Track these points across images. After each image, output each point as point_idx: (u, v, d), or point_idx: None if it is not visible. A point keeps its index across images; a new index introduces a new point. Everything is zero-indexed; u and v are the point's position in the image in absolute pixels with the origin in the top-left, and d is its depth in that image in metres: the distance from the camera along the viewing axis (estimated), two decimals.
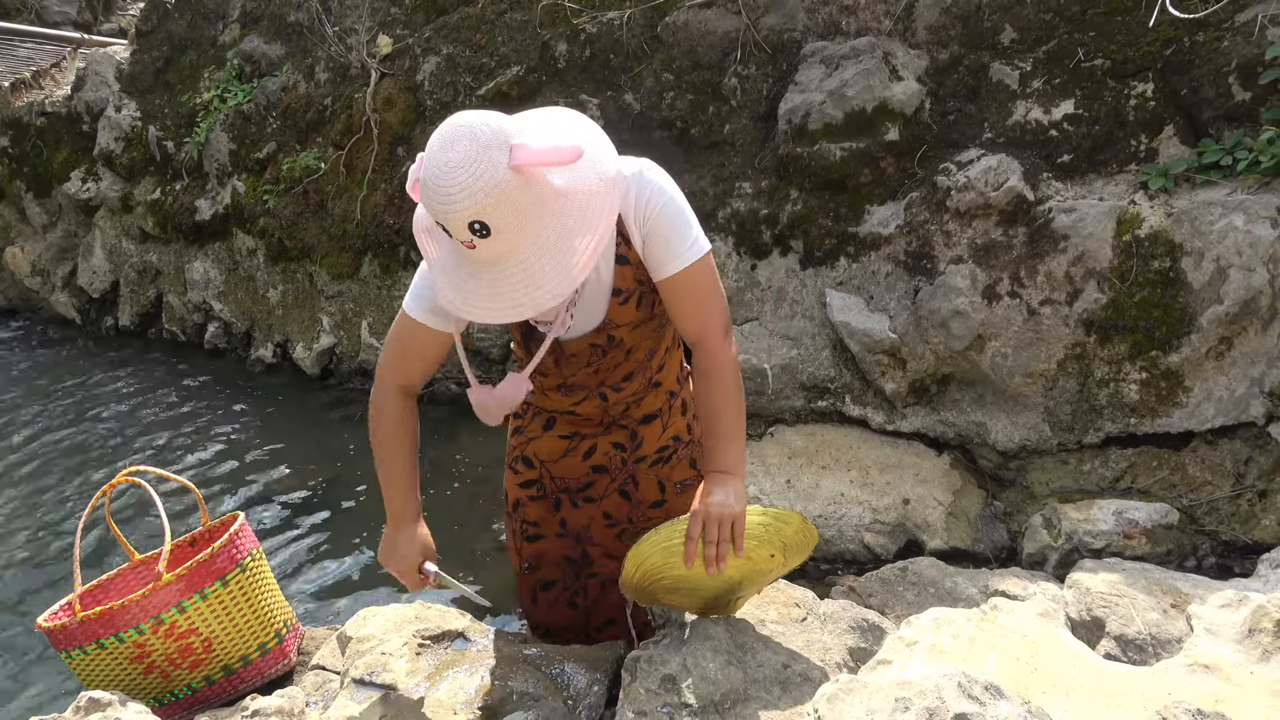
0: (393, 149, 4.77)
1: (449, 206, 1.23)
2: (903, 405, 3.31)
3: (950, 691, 1.29)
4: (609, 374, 1.75)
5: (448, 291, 1.37)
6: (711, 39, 3.84)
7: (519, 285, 1.31)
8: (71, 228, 6.76)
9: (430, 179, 1.24)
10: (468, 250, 1.30)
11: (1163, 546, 2.76)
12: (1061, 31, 3.21)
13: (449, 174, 1.22)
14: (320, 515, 3.65)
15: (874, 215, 3.40)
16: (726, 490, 1.55)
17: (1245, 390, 2.84)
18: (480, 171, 1.22)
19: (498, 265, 1.31)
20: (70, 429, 4.74)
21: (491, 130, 1.24)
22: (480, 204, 1.23)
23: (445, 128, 1.26)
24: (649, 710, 1.53)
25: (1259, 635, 1.56)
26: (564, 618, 2.03)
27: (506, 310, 1.33)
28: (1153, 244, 2.89)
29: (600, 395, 1.79)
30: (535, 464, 1.94)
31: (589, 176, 1.34)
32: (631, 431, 1.90)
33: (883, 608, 2.18)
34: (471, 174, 1.22)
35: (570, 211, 1.31)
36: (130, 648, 1.78)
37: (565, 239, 1.31)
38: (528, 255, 1.30)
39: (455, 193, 1.22)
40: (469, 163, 1.22)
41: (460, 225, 1.25)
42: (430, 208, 1.26)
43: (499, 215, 1.25)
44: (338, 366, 5.16)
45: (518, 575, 2.07)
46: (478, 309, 1.35)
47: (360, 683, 1.75)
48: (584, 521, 1.95)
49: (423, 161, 1.28)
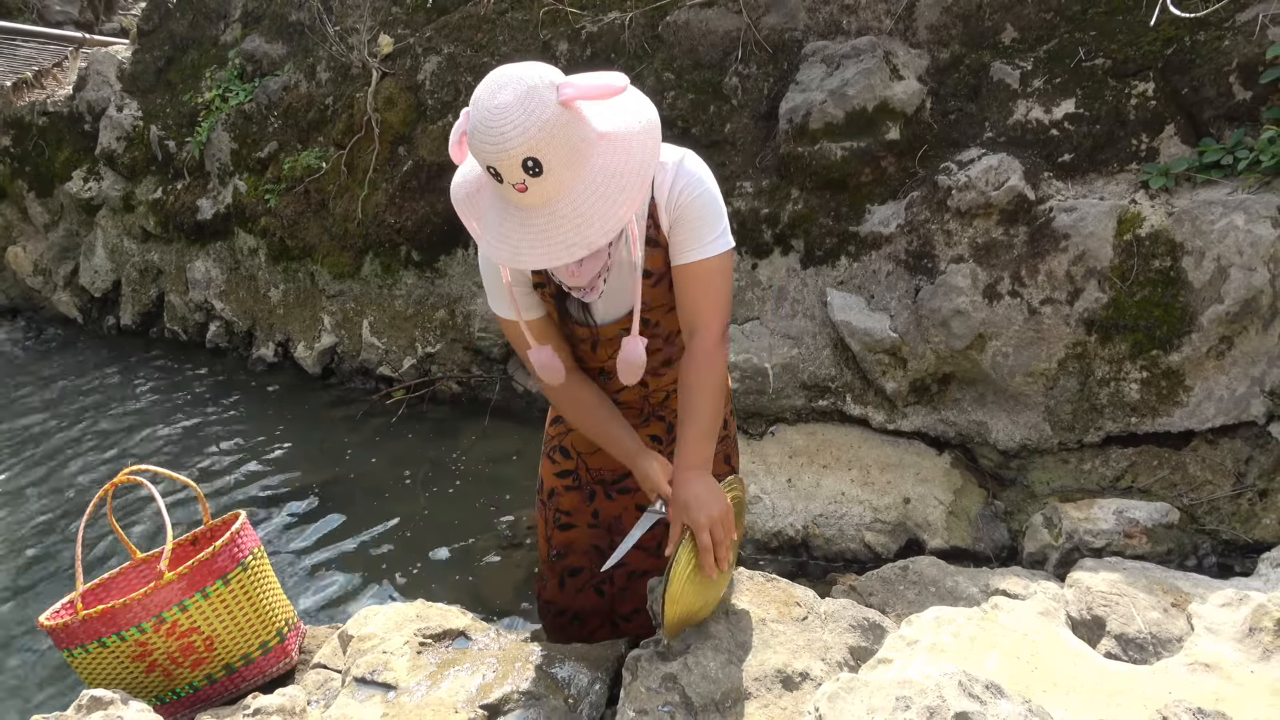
0: (394, 148, 4.77)
1: (502, 145, 1.26)
2: (903, 404, 3.31)
3: (951, 690, 1.29)
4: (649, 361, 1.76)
5: (496, 245, 1.39)
6: (712, 38, 3.84)
7: (569, 225, 1.34)
8: (73, 227, 6.76)
9: (482, 123, 1.27)
10: (518, 195, 1.32)
11: (1163, 546, 2.76)
12: (1062, 31, 3.21)
13: (502, 114, 1.26)
14: (321, 514, 3.65)
15: (875, 214, 3.40)
16: (707, 489, 1.57)
17: (1246, 389, 2.84)
18: (531, 108, 1.26)
19: (548, 206, 1.33)
20: (72, 428, 4.75)
21: (537, 73, 1.29)
22: (534, 139, 1.26)
23: (490, 78, 1.30)
24: (650, 709, 1.53)
25: (1259, 634, 1.56)
26: (590, 603, 2.07)
27: (559, 252, 1.35)
28: (1153, 243, 2.89)
29: (641, 383, 1.82)
30: (572, 454, 1.97)
31: (629, 121, 1.39)
32: (669, 424, 1.93)
33: (883, 607, 2.18)
34: (524, 111, 1.26)
35: (614, 152, 1.36)
36: (132, 646, 1.78)
37: (612, 178, 1.34)
38: (578, 194, 1.33)
39: (509, 130, 1.26)
40: (520, 102, 1.26)
41: (514, 165, 1.28)
42: (482, 152, 1.29)
43: (551, 151, 1.28)
44: (339, 366, 5.16)
45: (543, 562, 2.11)
46: (528, 256, 1.36)
47: (361, 681, 1.76)
48: (616, 512, 1.99)
49: (468, 115, 1.31)
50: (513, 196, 1.34)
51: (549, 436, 2.04)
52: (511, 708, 1.66)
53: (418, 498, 3.74)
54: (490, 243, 1.40)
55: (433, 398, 4.69)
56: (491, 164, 1.29)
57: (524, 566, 3.20)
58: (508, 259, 1.38)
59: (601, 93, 1.32)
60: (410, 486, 3.85)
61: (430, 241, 4.64)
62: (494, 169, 1.30)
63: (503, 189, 1.34)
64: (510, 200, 1.36)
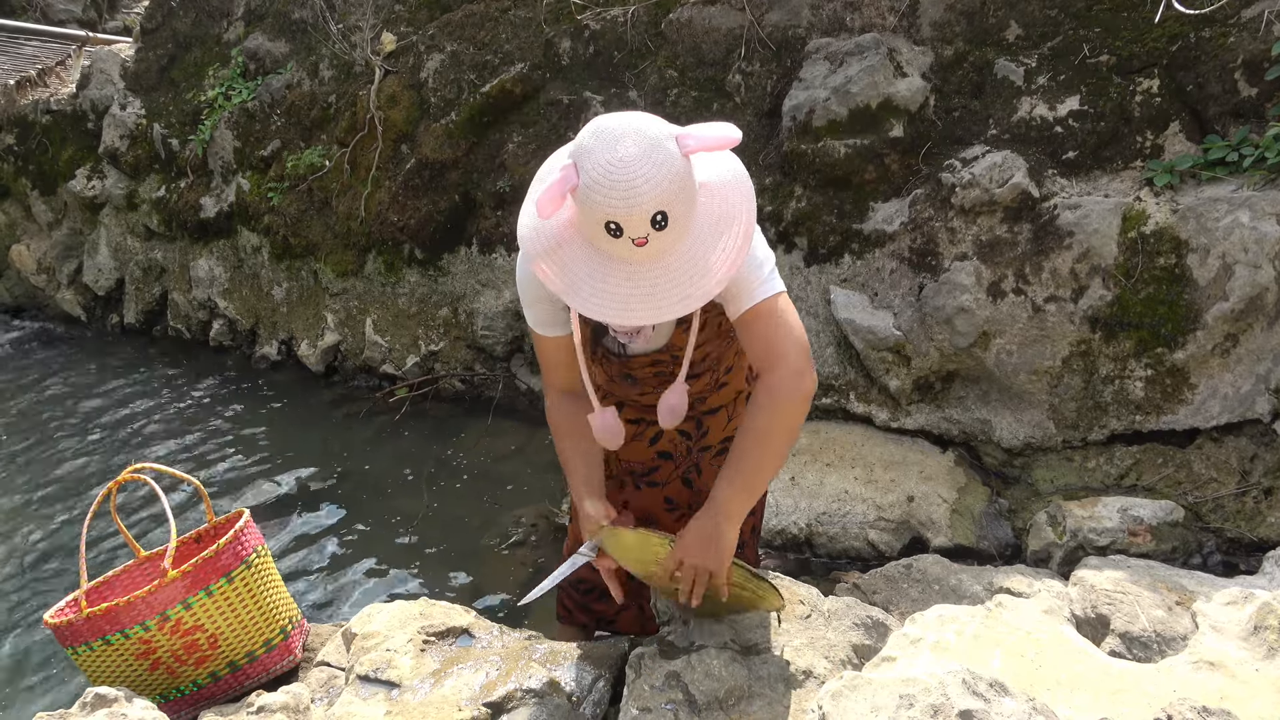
0: (397, 146, 4.77)
1: (633, 200, 1.22)
2: (907, 403, 3.31)
3: (955, 688, 1.29)
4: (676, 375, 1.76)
5: (596, 301, 1.33)
6: (715, 36, 3.84)
7: (683, 278, 1.31)
8: (77, 225, 6.77)
9: (605, 177, 1.23)
10: (633, 250, 1.28)
11: (1168, 544, 2.76)
12: (1066, 28, 3.20)
13: (628, 168, 1.22)
14: (325, 511, 3.66)
15: (878, 212, 3.40)
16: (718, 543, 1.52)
17: (1251, 387, 2.84)
18: (660, 161, 1.23)
19: (661, 261, 1.31)
20: (75, 426, 4.76)
21: (653, 123, 1.26)
22: (664, 193, 1.23)
23: (599, 130, 1.26)
24: (653, 707, 1.53)
25: (1264, 632, 1.55)
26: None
27: (673, 306, 1.33)
28: (1158, 241, 2.88)
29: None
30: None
31: (719, 170, 1.37)
32: (697, 420, 1.93)
33: (887, 605, 2.17)
34: (653, 164, 1.23)
35: (714, 201, 1.34)
36: (136, 644, 1.78)
37: (716, 228, 1.33)
38: (688, 246, 1.31)
39: (640, 184, 1.22)
40: (646, 154, 1.23)
41: (642, 219, 1.24)
42: (608, 206, 1.24)
43: (678, 204, 1.26)
44: (342, 364, 5.17)
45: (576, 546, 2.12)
46: (639, 312, 1.33)
47: (365, 679, 1.76)
48: (645, 504, 2.00)
49: (573, 169, 1.25)
50: (623, 251, 1.29)
51: None
52: (515, 705, 1.66)
53: (421, 495, 3.75)
54: (588, 300, 1.33)
55: (436, 396, 4.69)
56: (616, 219, 1.24)
57: (528, 564, 3.20)
58: (615, 315, 1.33)
59: (719, 144, 1.29)
60: (413, 484, 3.85)
61: (433, 239, 4.64)
62: (615, 224, 1.25)
63: (615, 244, 1.28)
64: (617, 255, 1.30)
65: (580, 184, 1.25)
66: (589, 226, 1.29)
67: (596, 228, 1.28)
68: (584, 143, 1.27)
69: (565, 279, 1.35)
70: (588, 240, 1.33)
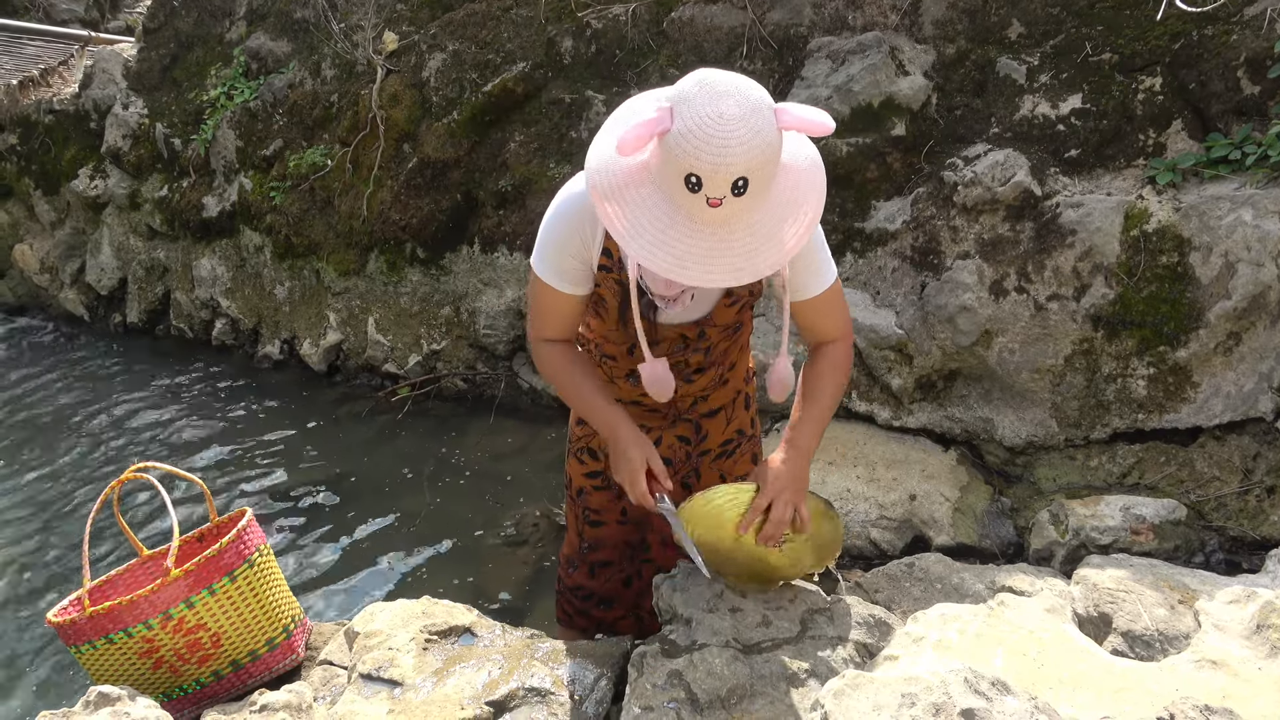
0: (399, 145, 4.77)
1: (722, 159, 1.21)
2: (909, 401, 3.30)
3: (957, 687, 1.29)
4: (683, 369, 1.79)
5: (656, 252, 1.32)
6: (717, 34, 3.83)
7: (741, 250, 1.31)
8: (79, 225, 6.78)
9: (701, 129, 1.21)
10: (705, 209, 1.27)
11: (1170, 542, 2.75)
12: (1069, 26, 3.19)
13: (726, 127, 1.20)
14: (327, 510, 3.66)
15: (880, 211, 3.40)
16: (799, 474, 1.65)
17: (1254, 386, 2.83)
18: (758, 128, 1.22)
19: (726, 226, 1.30)
20: (78, 425, 4.77)
21: (756, 90, 1.25)
22: (753, 160, 1.22)
23: (702, 81, 1.24)
24: (655, 705, 1.53)
25: (1267, 631, 1.55)
26: (617, 591, 2.15)
27: (725, 275, 1.33)
28: (1160, 239, 2.88)
29: None
30: (600, 456, 1.99)
31: (801, 153, 1.37)
32: (696, 425, 1.96)
33: (889, 604, 2.17)
34: (751, 129, 1.21)
35: (788, 185, 1.34)
36: (139, 643, 1.78)
37: (787, 209, 1.34)
38: (756, 221, 1.31)
39: (734, 146, 1.21)
40: (746, 117, 1.21)
41: (725, 180, 1.23)
42: (696, 158, 1.22)
43: (761, 175, 1.25)
44: (344, 363, 5.17)
45: (574, 552, 2.16)
46: (693, 271, 1.32)
47: (367, 678, 1.76)
48: (644, 511, 1.99)
49: (667, 112, 1.24)
50: (695, 208, 1.27)
51: (575, 437, 2.05)
52: (517, 704, 1.66)
53: (423, 494, 3.75)
54: (646, 248, 1.31)
55: (438, 395, 4.69)
56: (699, 173, 1.22)
57: (530, 563, 3.20)
58: (670, 269, 1.32)
59: (813, 128, 1.28)
60: (416, 483, 3.85)
61: (435, 238, 4.64)
62: (697, 178, 1.23)
63: (689, 198, 1.26)
64: (686, 210, 1.29)
65: (673, 129, 1.23)
66: (668, 174, 1.27)
67: (676, 177, 1.26)
68: (686, 91, 1.25)
69: (628, 222, 1.33)
70: (659, 188, 1.31)
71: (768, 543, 1.65)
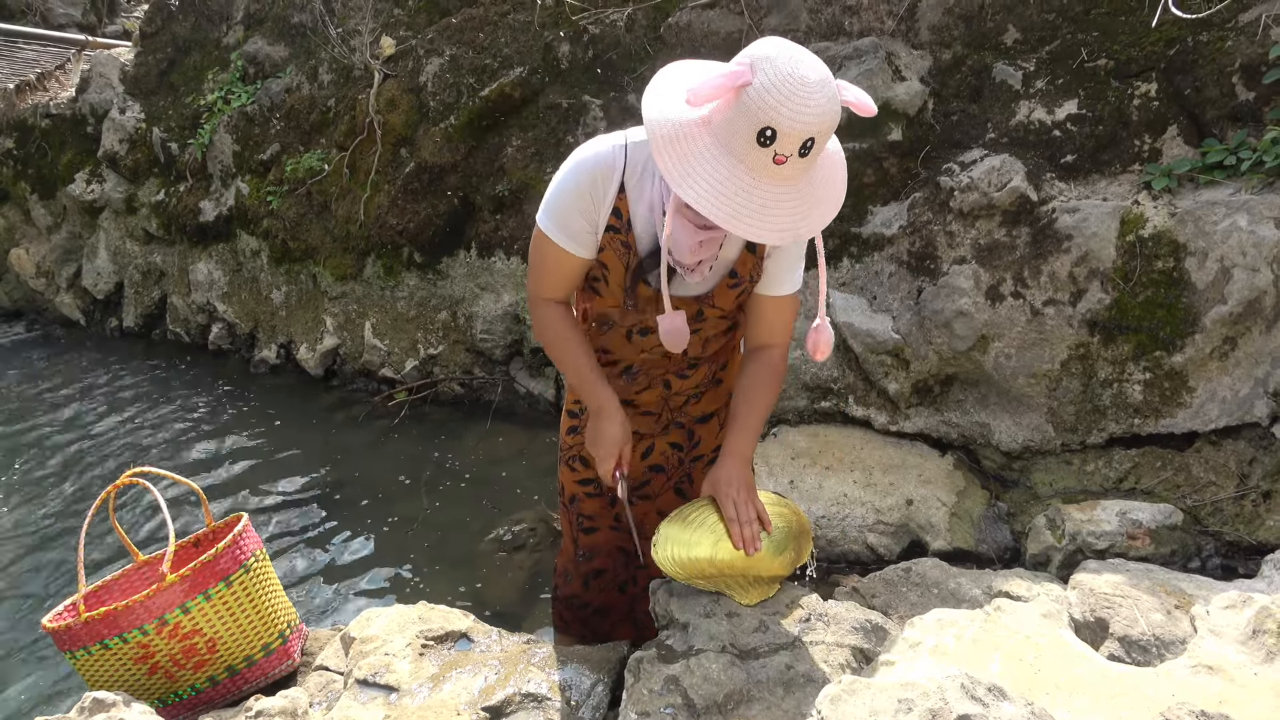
0: (396, 150, 4.78)
1: (801, 119, 1.26)
2: (906, 406, 3.31)
3: (954, 693, 1.29)
4: (678, 359, 1.82)
5: (713, 201, 1.35)
6: (714, 40, 3.84)
7: (788, 212, 1.37)
8: (76, 229, 6.77)
9: (785, 85, 1.25)
10: (768, 165, 1.31)
11: (1167, 547, 2.76)
12: (1064, 31, 3.20)
13: (809, 89, 1.26)
14: (323, 516, 3.65)
15: (877, 216, 3.40)
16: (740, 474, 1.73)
17: (1249, 391, 2.84)
18: (831, 95, 1.29)
19: (779, 188, 1.35)
20: (74, 430, 4.75)
21: (823, 64, 1.31)
22: (825, 123, 1.28)
23: (782, 46, 1.30)
24: (652, 711, 1.53)
25: (1263, 636, 1.55)
26: (612, 600, 2.16)
27: (773, 232, 1.37)
28: (1156, 244, 2.88)
29: (664, 383, 1.86)
30: (591, 464, 1.99)
31: (834, 144, 1.46)
32: (689, 431, 1.97)
33: (886, 609, 2.17)
34: (826, 95, 1.28)
35: (828, 164, 1.43)
36: (134, 648, 1.78)
37: (826, 185, 1.43)
38: (804, 187, 1.37)
39: (813, 107, 1.26)
40: (823, 84, 1.28)
41: (799, 138, 1.28)
42: (778, 113, 1.26)
43: (824, 141, 1.32)
44: (341, 367, 5.17)
45: (568, 561, 2.17)
46: (746, 224, 1.35)
47: (364, 683, 1.76)
48: (638, 518, 2.03)
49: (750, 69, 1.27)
50: (758, 163, 1.31)
51: (566, 446, 2.06)
52: (514, 710, 1.66)
53: (419, 499, 3.74)
54: (705, 197, 1.34)
55: (435, 399, 4.69)
56: (777, 127, 1.27)
57: (526, 568, 3.20)
58: (726, 219, 1.35)
59: (862, 109, 1.37)
60: (412, 488, 3.85)
61: (432, 243, 4.64)
62: (772, 131, 1.27)
63: (755, 152, 1.30)
64: (749, 164, 1.32)
65: (754, 83, 1.27)
66: (739, 128, 1.30)
67: (749, 131, 1.29)
68: (765, 51, 1.29)
69: (682, 170, 1.36)
70: (720, 141, 1.34)
71: (747, 546, 1.70)
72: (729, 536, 1.71)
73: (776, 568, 1.81)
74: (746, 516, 1.70)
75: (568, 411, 2.04)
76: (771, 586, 1.84)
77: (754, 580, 1.80)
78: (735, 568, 1.75)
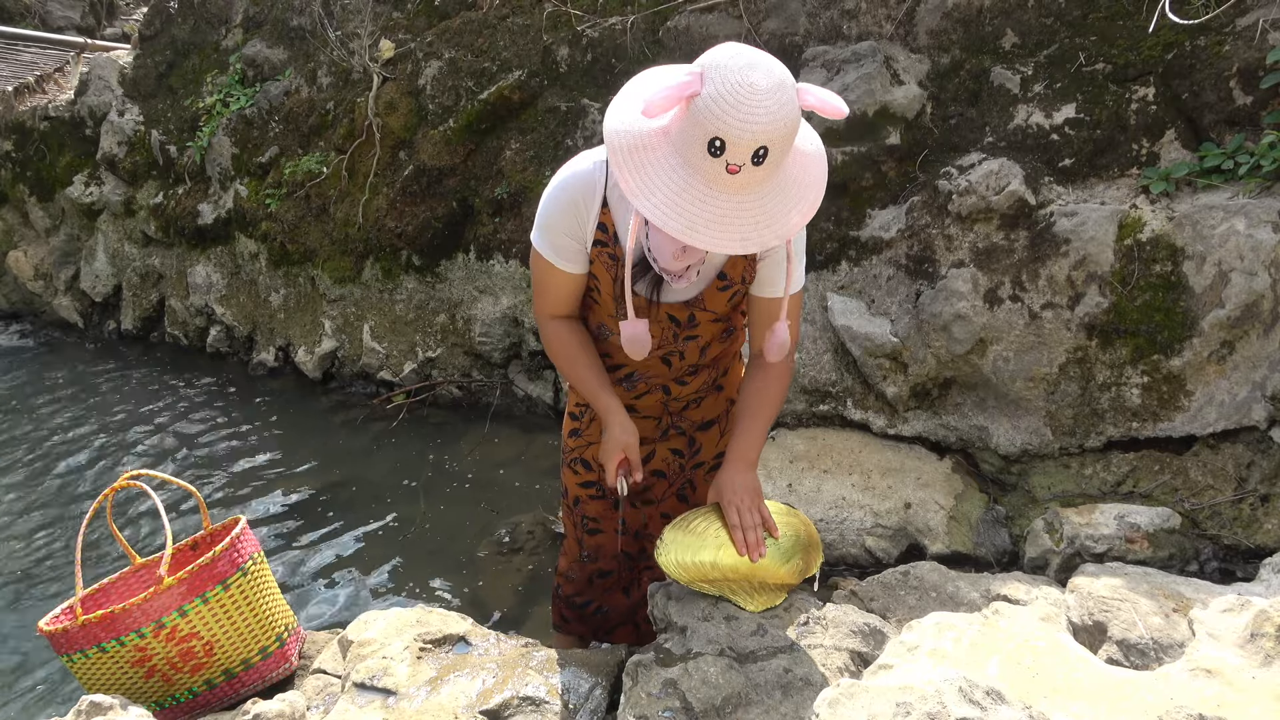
0: (395, 153, 4.78)
1: (748, 127, 1.24)
2: (904, 409, 3.31)
3: (952, 696, 1.29)
4: (677, 365, 1.81)
5: (666, 213, 1.33)
6: (713, 43, 3.81)
7: (749, 220, 1.34)
8: (74, 232, 6.77)
9: (732, 95, 1.23)
10: (722, 175, 1.29)
11: (1165, 550, 2.76)
12: (1062, 36, 3.21)
13: (756, 96, 1.23)
14: (321, 518, 3.65)
15: (875, 219, 3.40)
16: (746, 480, 1.74)
17: (1247, 394, 2.84)
18: (785, 101, 1.25)
19: (739, 195, 1.32)
20: (72, 432, 4.75)
21: (781, 67, 1.29)
22: (777, 131, 1.25)
23: (730, 52, 1.28)
24: (650, 714, 1.53)
25: (1261, 640, 1.55)
26: (615, 601, 2.17)
27: (733, 242, 1.35)
28: (1154, 248, 2.89)
29: (664, 389, 1.87)
30: (594, 467, 2.01)
31: (809, 141, 1.43)
32: (690, 438, 1.98)
33: (884, 612, 2.17)
34: (778, 102, 1.24)
35: (798, 167, 1.38)
36: (131, 651, 1.78)
37: (794, 188, 1.38)
38: (766, 194, 1.34)
39: (761, 115, 1.24)
40: (774, 90, 1.24)
41: (748, 147, 1.25)
42: (724, 123, 1.24)
43: (780, 147, 1.28)
44: (339, 370, 5.16)
45: (572, 561, 2.18)
46: (704, 235, 1.33)
47: (361, 687, 1.75)
48: (642, 521, 2.04)
49: (698, 78, 1.26)
50: (712, 173, 1.29)
51: (568, 448, 2.07)
52: (512, 713, 1.66)
53: (418, 502, 3.74)
54: (660, 208, 1.33)
55: (433, 402, 4.69)
56: (725, 137, 1.25)
57: (524, 571, 3.19)
58: (681, 231, 1.33)
59: (831, 111, 1.33)
60: (411, 491, 3.85)
61: (431, 246, 4.64)
62: (721, 142, 1.26)
63: (708, 163, 1.29)
64: (703, 175, 1.31)
65: (703, 93, 1.25)
66: (692, 137, 1.29)
67: (699, 141, 1.28)
68: (716, 59, 1.27)
69: (640, 182, 1.34)
70: (678, 151, 1.32)
71: (751, 552, 1.70)
72: (732, 542, 1.71)
73: (782, 575, 1.81)
74: (750, 522, 1.70)
75: (569, 414, 2.05)
76: (778, 595, 1.83)
77: (759, 587, 1.80)
78: (739, 573, 1.74)
